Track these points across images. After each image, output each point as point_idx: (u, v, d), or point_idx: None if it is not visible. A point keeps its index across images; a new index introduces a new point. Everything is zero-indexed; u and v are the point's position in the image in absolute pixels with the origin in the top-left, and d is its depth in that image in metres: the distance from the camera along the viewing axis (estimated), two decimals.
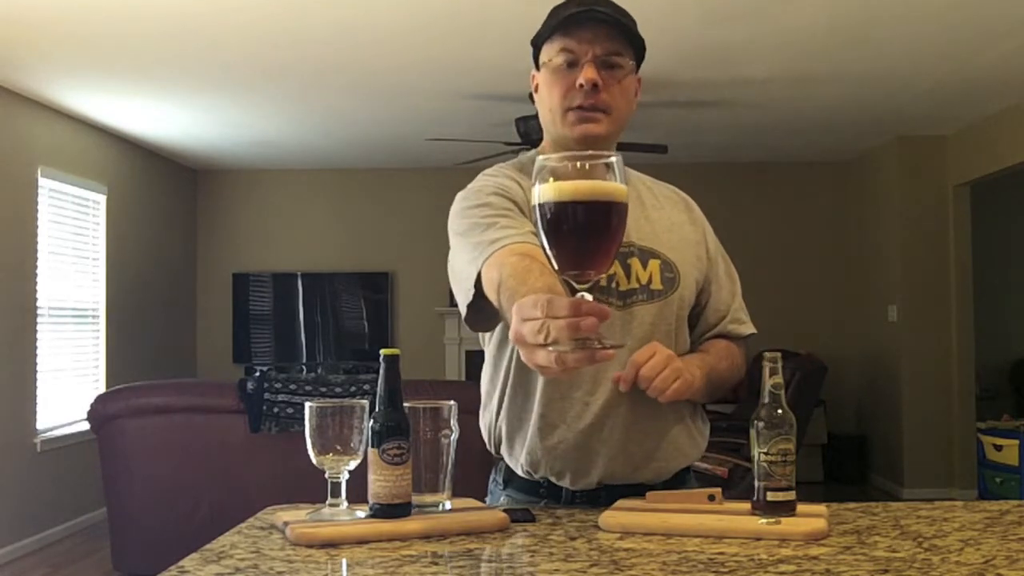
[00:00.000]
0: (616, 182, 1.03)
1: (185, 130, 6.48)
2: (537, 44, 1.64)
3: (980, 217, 7.03)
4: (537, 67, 1.65)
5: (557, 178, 1.02)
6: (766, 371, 1.41)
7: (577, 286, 1.04)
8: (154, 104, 5.76)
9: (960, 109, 6.05)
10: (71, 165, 6.00)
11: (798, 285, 7.83)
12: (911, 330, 6.82)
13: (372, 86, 5.39)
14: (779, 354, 1.43)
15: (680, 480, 1.67)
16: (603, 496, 1.60)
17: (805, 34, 4.48)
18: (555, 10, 1.62)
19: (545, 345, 1.01)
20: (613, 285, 1.60)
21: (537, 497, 1.64)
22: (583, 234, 1.02)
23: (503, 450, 1.67)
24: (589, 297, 1.03)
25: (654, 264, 1.62)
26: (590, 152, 1.07)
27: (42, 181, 5.63)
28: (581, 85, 1.55)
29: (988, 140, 6.26)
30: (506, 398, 1.64)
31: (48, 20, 4.19)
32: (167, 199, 7.51)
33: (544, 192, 1.03)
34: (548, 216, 1.02)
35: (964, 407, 6.70)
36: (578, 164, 1.03)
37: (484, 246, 1.46)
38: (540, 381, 1.59)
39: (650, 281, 1.61)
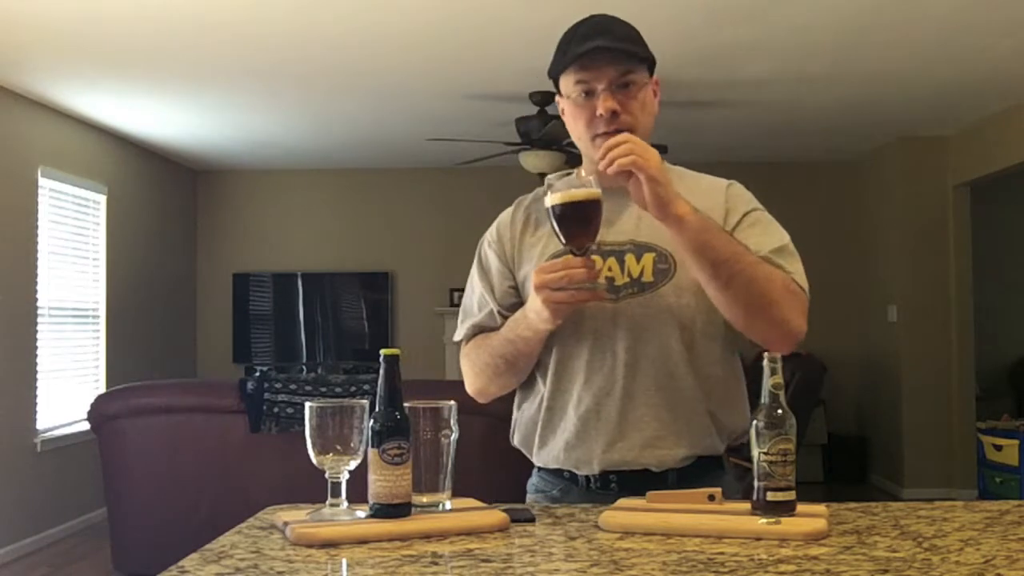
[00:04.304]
0: (592, 188, 1.54)
1: (185, 130, 6.48)
2: (553, 76, 1.73)
3: (980, 217, 7.03)
4: (559, 93, 1.74)
5: (558, 191, 1.55)
6: (766, 371, 1.42)
7: (577, 252, 1.53)
8: (154, 104, 5.76)
9: (961, 109, 6.05)
10: (71, 165, 6.00)
11: None
12: (911, 330, 6.82)
13: (372, 86, 5.39)
14: (779, 354, 1.44)
15: (700, 471, 1.70)
16: (614, 482, 1.68)
17: (805, 34, 4.48)
18: (564, 42, 1.69)
19: (564, 289, 1.51)
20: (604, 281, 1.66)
21: (562, 480, 1.74)
22: (574, 220, 1.55)
23: (525, 451, 1.79)
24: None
25: (648, 257, 1.68)
26: (574, 172, 1.60)
27: (42, 181, 5.63)
28: (601, 115, 1.64)
29: (988, 140, 6.26)
30: (519, 404, 1.80)
31: (48, 21, 4.19)
32: (167, 199, 7.50)
33: (551, 199, 1.56)
34: (556, 213, 1.55)
35: (964, 407, 6.69)
36: (568, 187, 1.56)
37: (465, 325, 1.82)
38: (548, 379, 1.71)
39: (641, 274, 1.67)
